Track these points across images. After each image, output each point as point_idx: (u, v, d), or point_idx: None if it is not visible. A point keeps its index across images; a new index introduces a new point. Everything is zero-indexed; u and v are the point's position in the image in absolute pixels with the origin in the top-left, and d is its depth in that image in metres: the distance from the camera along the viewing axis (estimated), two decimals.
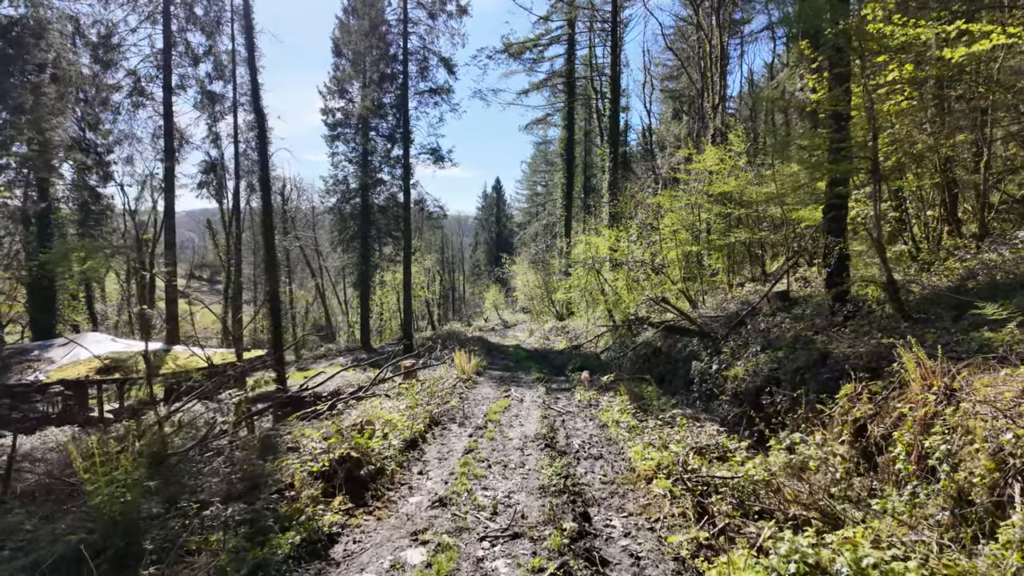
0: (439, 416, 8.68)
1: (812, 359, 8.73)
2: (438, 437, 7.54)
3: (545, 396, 11.11)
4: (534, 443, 7.23)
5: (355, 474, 4.98)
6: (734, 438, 7.14)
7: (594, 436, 7.80)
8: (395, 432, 7.10)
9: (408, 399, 9.32)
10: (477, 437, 7.52)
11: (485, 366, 16.83)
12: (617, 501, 5.14)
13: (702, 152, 17.86)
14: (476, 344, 24.51)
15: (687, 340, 14.11)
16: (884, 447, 6.40)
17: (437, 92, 27.60)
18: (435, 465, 6.23)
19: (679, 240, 18.77)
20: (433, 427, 8.08)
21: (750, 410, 9.80)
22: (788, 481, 4.99)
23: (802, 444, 6.35)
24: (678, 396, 12.21)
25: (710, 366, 12.08)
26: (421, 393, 9.92)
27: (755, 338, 11.88)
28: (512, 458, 6.49)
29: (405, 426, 7.28)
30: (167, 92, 22.79)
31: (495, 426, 8.20)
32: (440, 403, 9.47)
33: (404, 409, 8.65)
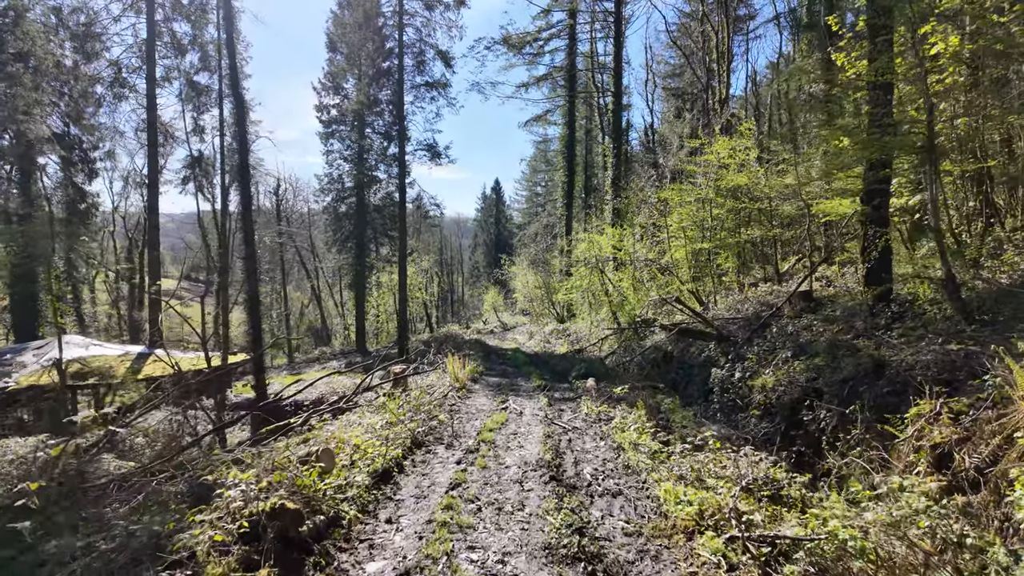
0: (423, 436, 7.24)
1: (863, 369, 7.32)
2: (419, 465, 6.09)
3: (547, 408, 9.68)
4: (536, 472, 5.79)
5: (291, 534, 3.54)
6: (781, 467, 5.70)
7: (608, 462, 6.36)
8: (365, 460, 5.67)
9: (389, 413, 7.89)
10: (467, 464, 6.08)
11: (482, 372, 15.40)
12: (649, 567, 3.71)
13: (711, 145, 16.46)
14: (473, 347, 23.06)
15: (702, 344, 12.69)
16: (981, 482, 4.98)
17: (434, 86, 26.24)
18: (410, 507, 4.79)
19: (688, 237, 17.37)
20: (414, 451, 6.64)
21: (785, 426, 8.41)
22: (887, 541, 3.55)
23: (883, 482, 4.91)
24: (695, 407, 10.78)
25: (732, 374, 10.67)
26: (405, 406, 8.48)
27: (782, 342, 10.48)
28: (509, 496, 5.06)
29: (377, 452, 5.84)
30: (151, 84, 21.40)
31: (489, 448, 6.77)
32: (426, 418, 8.03)
33: (382, 427, 7.22)
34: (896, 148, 8.12)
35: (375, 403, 9.63)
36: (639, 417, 7.79)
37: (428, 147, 26.97)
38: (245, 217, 13.61)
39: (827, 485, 6.31)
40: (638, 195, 21.43)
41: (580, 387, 12.09)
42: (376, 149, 32.38)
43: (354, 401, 11.40)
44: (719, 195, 16.19)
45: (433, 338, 31.68)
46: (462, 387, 11.79)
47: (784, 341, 10.30)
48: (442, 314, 53.96)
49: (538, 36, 29.75)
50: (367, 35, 25.91)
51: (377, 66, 29.49)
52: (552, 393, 11.82)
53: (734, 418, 10.04)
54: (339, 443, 6.04)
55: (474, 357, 19.77)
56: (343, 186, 32.91)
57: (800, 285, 11.66)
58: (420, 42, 25.96)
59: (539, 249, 34.45)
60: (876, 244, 9.11)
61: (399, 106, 24.90)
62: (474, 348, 22.76)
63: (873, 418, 6.53)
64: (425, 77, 25.96)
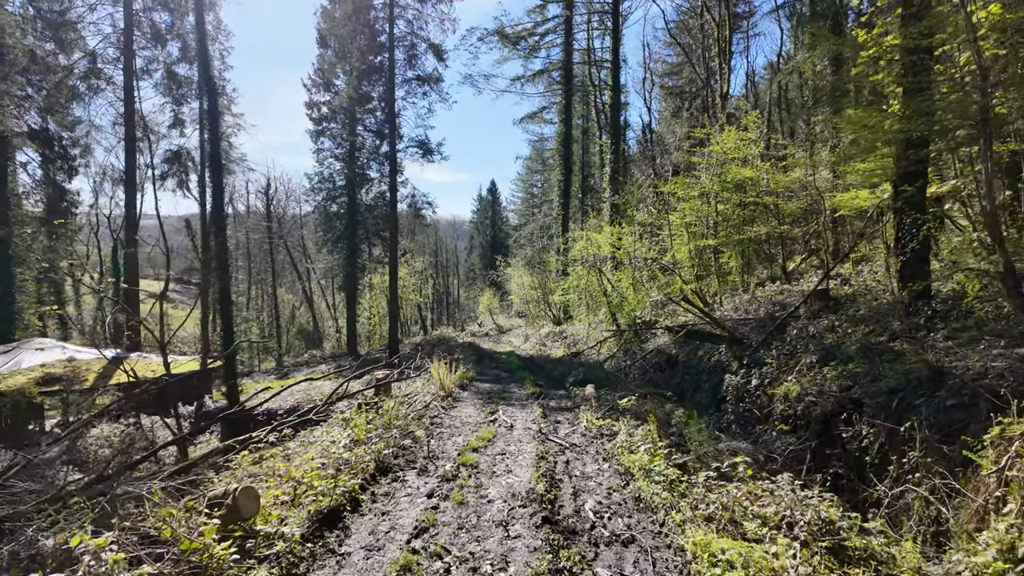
0: (392, 458, 5.99)
1: (915, 377, 6.11)
2: (380, 500, 4.84)
3: (542, 420, 8.44)
4: (526, 509, 4.56)
5: None
6: (833, 502, 4.47)
7: (615, 492, 5.13)
8: (310, 495, 4.43)
9: (356, 429, 6.64)
10: (440, 498, 4.84)
11: (472, 377, 14.16)
12: None
13: (717, 135, 15.30)
14: (466, 350, 21.81)
15: (711, 348, 11.49)
16: None
17: (426, 81, 25.05)
18: (357, 567, 3.54)
19: (692, 234, 16.20)
20: (378, 479, 5.39)
21: (816, 443, 7.18)
22: None
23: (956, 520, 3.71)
24: (706, 416, 9.56)
25: (748, 380, 9.46)
26: (377, 420, 7.23)
27: (803, 346, 9.29)
28: (489, 547, 3.83)
29: (324, 486, 4.59)
30: (128, 75, 20.18)
31: (470, 475, 5.53)
32: (399, 435, 6.78)
33: (344, 447, 5.97)
34: (945, 120, 6.92)
35: (350, 413, 8.37)
36: (648, 433, 6.55)
37: (420, 143, 25.76)
38: (216, 210, 12.40)
39: (880, 518, 5.10)
40: (637, 192, 20.25)
41: (578, 395, 10.86)
42: (368, 147, 31.12)
43: (328, 411, 10.15)
44: (725, 189, 15.02)
45: (425, 341, 30.38)
46: (448, 395, 10.54)
47: (806, 344, 9.12)
48: (437, 316, 52.66)
49: (533, 31, 28.66)
50: (357, 28, 24.73)
51: (368, 63, 28.26)
52: (547, 402, 10.58)
53: (752, 430, 8.84)
54: (275, 475, 4.80)
55: (466, 361, 18.52)
56: (334, 185, 31.64)
57: (820, 283, 10.45)
58: (411, 35, 24.81)
59: (535, 250, 33.25)
60: (914, 234, 7.92)
61: (390, 101, 23.72)
62: (466, 351, 21.51)
63: (935, 437, 5.32)
64: (417, 71, 24.80)
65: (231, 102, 22.10)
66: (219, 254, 12.63)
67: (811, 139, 20.76)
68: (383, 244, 31.90)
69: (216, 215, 12.39)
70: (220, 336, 13.79)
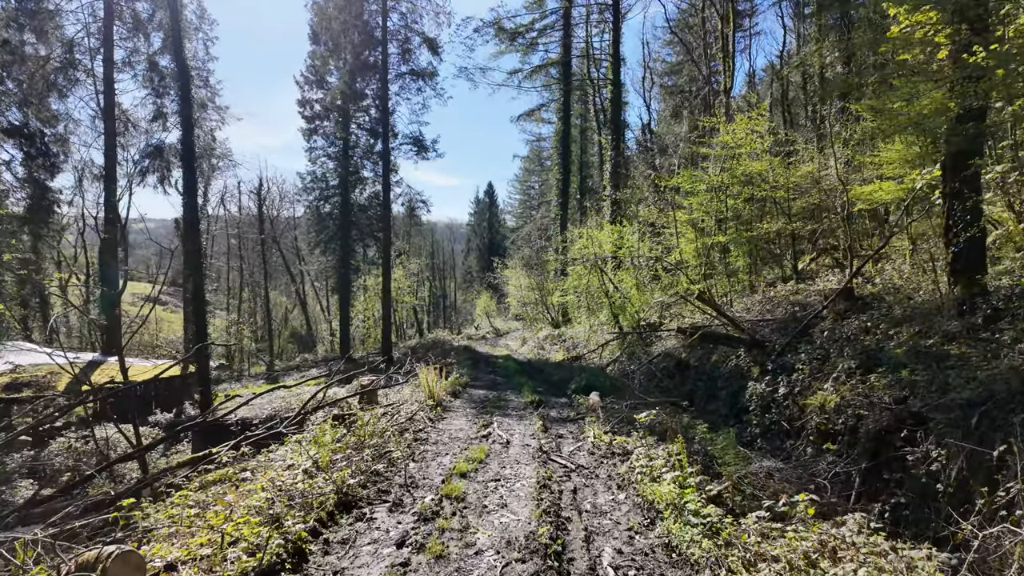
0: (359, 488, 4.82)
1: (1002, 388, 4.98)
2: (334, 550, 3.67)
3: (542, 434, 7.28)
4: (524, 566, 3.42)
5: None
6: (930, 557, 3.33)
7: (638, 535, 3.98)
8: (238, 550, 3.27)
9: (322, 448, 5.48)
10: (414, 548, 3.68)
11: (466, 383, 12.99)
12: None
13: (726, 124, 14.22)
14: (461, 354, 20.65)
15: (727, 351, 10.35)
16: None
17: (420, 75, 23.96)
18: None
19: (700, 230, 15.11)
20: (337, 519, 4.22)
21: (866, 464, 6.03)
22: None
23: None
24: (724, 428, 8.42)
25: (774, 388, 8.32)
26: (349, 437, 6.07)
27: (837, 349, 8.17)
28: None
29: (256, 536, 3.42)
30: (108, 66, 19.03)
31: (456, 510, 4.37)
32: (372, 458, 5.62)
33: (305, 472, 4.82)
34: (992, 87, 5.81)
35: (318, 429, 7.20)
36: (671, 454, 5.40)
37: (414, 140, 24.66)
38: (188, 206, 11.21)
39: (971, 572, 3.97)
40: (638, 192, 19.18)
41: (582, 404, 9.71)
42: (362, 146, 29.98)
43: (304, 423, 8.97)
44: (735, 183, 13.94)
45: (420, 344, 29.20)
46: (438, 404, 9.37)
47: (840, 347, 8.00)
48: (433, 319, 51.45)
49: (531, 27, 27.66)
50: (349, 21, 23.66)
51: (362, 59, 27.15)
52: (548, 412, 9.43)
53: (781, 445, 7.70)
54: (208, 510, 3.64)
55: (461, 365, 17.36)
56: (327, 184, 30.50)
57: (848, 280, 9.35)
58: (405, 28, 23.76)
59: (533, 250, 32.13)
60: (968, 221, 6.80)
61: (383, 96, 22.62)
62: (462, 355, 20.35)
63: None
64: (411, 65, 23.69)
65: (215, 94, 21.00)
66: (191, 252, 11.47)
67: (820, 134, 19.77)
68: (377, 245, 30.72)
69: (188, 211, 11.24)
70: (193, 339, 12.59)
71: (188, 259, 11.67)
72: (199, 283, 11.52)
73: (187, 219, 11.59)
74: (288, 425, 8.21)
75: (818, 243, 17.04)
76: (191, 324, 11.69)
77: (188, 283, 12.31)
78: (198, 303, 11.41)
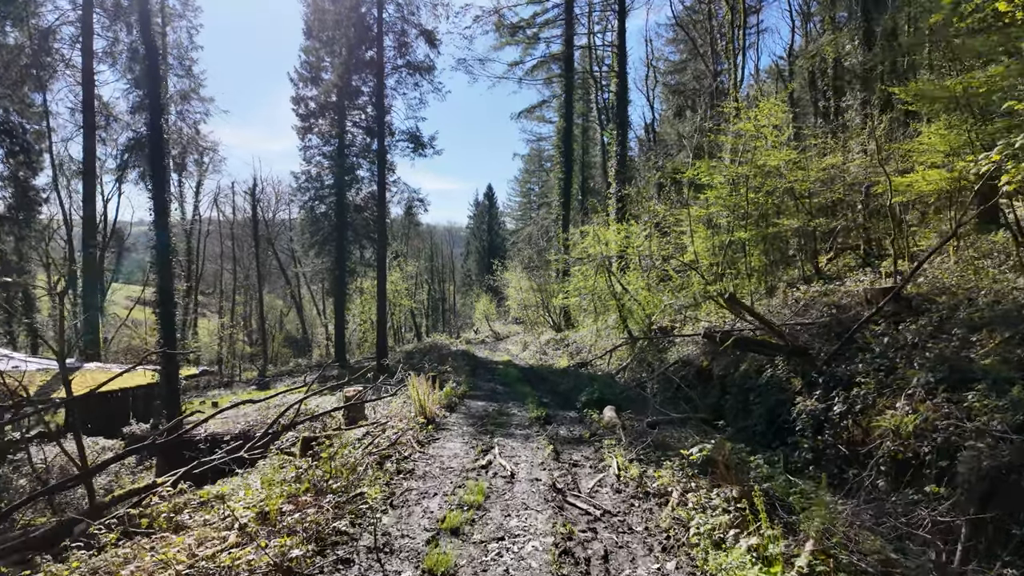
0: (307, 561, 3.42)
1: None
2: None
3: (553, 463, 5.90)
4: None
5: None
6: None
7: None
8: None
9: (276, 484, 4.09)
10: None
11: (463, 393, 11.61)
12: None
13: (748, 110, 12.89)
14: (459, 360, 19.26)
15: (762, 360, 8.97)
16: None
17: (417, 69, 22.67)
18: None
19: (717, 225, 13.79)
20: None
21: (975, 508, 4.66)
22: None
23: None
24: (761, 450, 7.05)
25: (829, 405, 6.96)
26: (312, 472, 4.67)
27: (903, 358, 6.81)
28: None
29: None
30: (87, 57, 17.72)
31: None
32: (337, 502, 4.22)
33: (242, 530, 3.44)
34: None
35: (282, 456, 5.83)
36: (730, 500, 4.01)
37: (411, 136, 23.33)
38: (156, 194, 9.91)
39: None
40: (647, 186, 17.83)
41: (595, 420, 8.32)
42: (358, 144, 28.65)
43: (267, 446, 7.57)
44: (758, 174, 12.60)
45: (417, 349, 27.76)
46: (430, 422, 7.98)
47: (906, 357, 6.64)
48: (432, 323, 50.01)
49: (533, 21, 26.41)
50: (343, 12, 22.36)
51: (358, 56, 25.86)
52: (557, 429, 8.04)
53: (841, 475, 6.33)
54: None
55: (458, 371, 15.98)
56: (322, 184, 29.15)
57: (910, 276, 7.99)
58: (402, 20, 22.49)
59: (534, 251, 30.76)
60: None
61: (379, 89, 21.36)
62: (460, 361, 18.97)
63: None
64: (408, 58, 22.35)
65: (199, 84, 19.67)
66: (159, 248, 10.09)
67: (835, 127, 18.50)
68: (373, 247, 29.33)
69: (157, 201, 9.86)
70: (159, 344, 11.25)
71: (155, 256, 10.28)
72: (167, 282, 10.15)
73: (155, 210, 10.21)
74: (251, 449, 6.81)
75: (835, 242, 15.78)
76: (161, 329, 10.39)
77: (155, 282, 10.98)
78: (165, 304, 10.04)
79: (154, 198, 10.41)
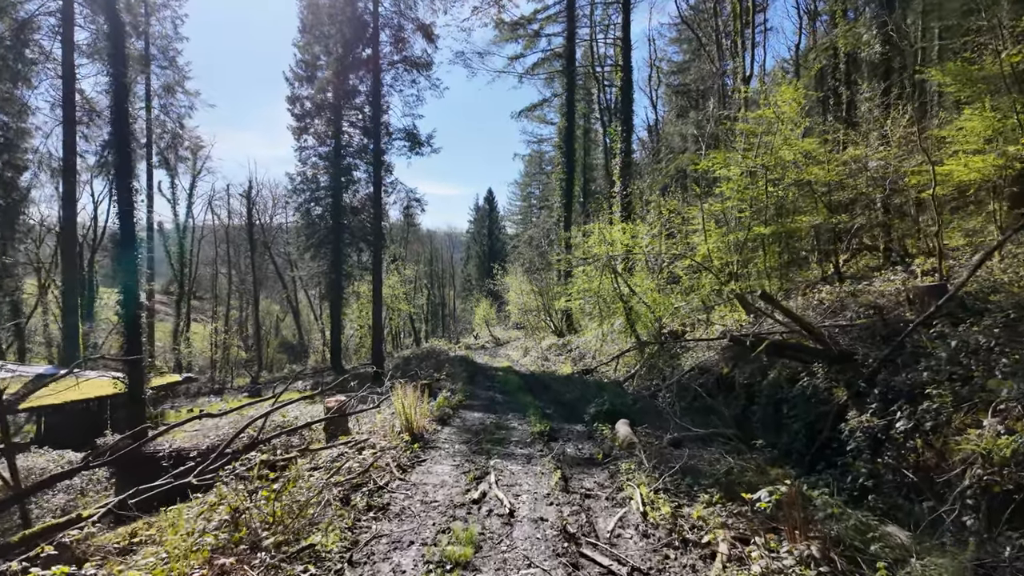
0: None
1: None
2: None
3: (562, 496, 4.75)
4: None
5: None
6: None
7: None
8: None
9: (188, 541, 2.93)
10: None
11: (459, 403, 10.46)
12: None
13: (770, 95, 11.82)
14: (457, 366, 18.08)
15: (796, 366, 7.82)
16: None
17: (415, 65, 21.67)
18: None
19: (738, 220, 12.70)
20: None
21: None
22: None
23: None
24: (797, 471, 5.90)
25: (890, 422, 5.83)
26: (253, 515, 3.51)
27: (981, 366, 5.69)
28: None
29: None
30: (67, 49, 16.68)
31: None
32: (284, 552, 3.06)
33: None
34: None
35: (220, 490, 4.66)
36: (803, 560, 2.85)
37: (408, 134, 22.31)
38: (120, 183, 8.99)
39: None
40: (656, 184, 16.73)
41: (607, 437, 7.17)
42: (355, 145, 27.66)
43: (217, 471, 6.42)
44: (777, 165, 11.50)
45: (414, 354, 26.58)
46: (416, 439, 6.83)
47: (986, 364, 5.49)
48: (432, 328, 48.82)
49: (533, 18, 25.50)
50: (338, 7, 21.37)
51: (354, 55, 24.88)
52: (564, 447, 6.89)
53: (908, 507, 5.17)
54: None
55: (456, 378, 14.82)
56: (318, 185, 28.16)
57: (974, 271, 6.87)
58: (398, 15, 21.54)
59: (535, 253, 29.65)
60: None
61: (375, 85, 20.34)
62: (458, 367, 17.79)
63: None
64: (404, 53, 21.33)
65: (184, 77, 18.66)
66: (124, 242, 8.98)
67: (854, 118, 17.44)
68: (370, 250, 28.26)
69: (121, 191, 8.78)
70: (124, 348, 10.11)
71: (117, 252, 9.20)
72: (131, 281, 9.03)
73: (119, 201, 9.13)
74: (202, 475, 5.67)
75: (852, 241, 14.71)
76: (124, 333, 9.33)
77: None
78: (128, 306, 8.93)
79: (118, 188, 9.35)
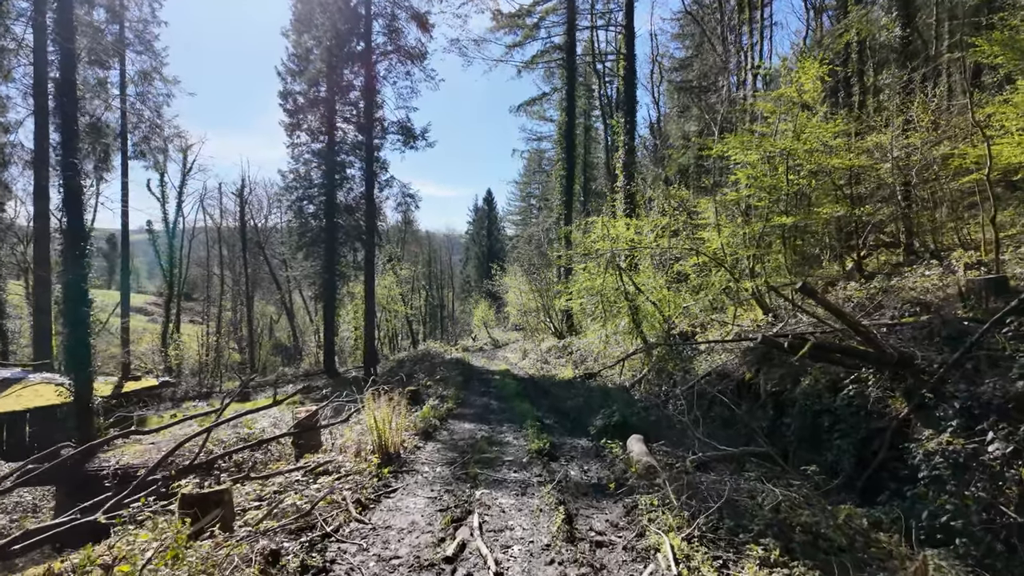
0: None
1: None
2: None
3: (566, 551, 3.52)
4: None
5: None
6: None
7: None
8: None
9: None
10: None
11: (448, 412, 9.26)
12: None
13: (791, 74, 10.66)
14: (452, 369, 16.86)
15: (840, 372, 6.62)
16: None
17: (409, 55, 20.53)
18: None
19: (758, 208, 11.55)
20: None
21: None
22: None
23: None
24: (860, 504, 4.72)
25: (978, 445, 4.61)
26: None
27: None
28: None
29: None
30: (39, 33, 15.51)
31: None
32: None
33: None
34: None
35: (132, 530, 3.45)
36: None
37: (402, 127, 21.17)
38: (66, 162, 7.77)
39: None
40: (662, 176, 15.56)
41: (615, 454, 5.96)
42: (349, 142, 26.49)
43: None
44: (801, 148, 10.32)
45: (409, 357, 25.37)
46: (390, 459, 5.62)
47: None
48: (430, 330, 47.56)
49: (532, 10, 24.35)
50: None
51: (348, 49, 23.74)
52: (567, 470, 5.68)
53: (1009, 554, 3.98)
54: None
55: (449, 383, 13.62)
56: (311, 183, 26.96)
57: None
58: (392, 3, 20.39)
59: (533, 252, 28.46)
60: None
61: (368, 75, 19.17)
62: (453, 370, 16.56)
63: None
64: (398, 43, 20.16)
65: (161, 63, 17.49)
66: (71, 233, 7.79)
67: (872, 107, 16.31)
68: (365, 249, 27.09)
69: (66, 171, 7.59)
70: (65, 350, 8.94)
71: (65, 242, 8.04)
72: (78, 274, 7.85)
73: (64, 183, 7.94)
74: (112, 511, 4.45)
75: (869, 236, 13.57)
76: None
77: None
78: (75, 302, 7.73)
79: (62, 167, 8.16)
